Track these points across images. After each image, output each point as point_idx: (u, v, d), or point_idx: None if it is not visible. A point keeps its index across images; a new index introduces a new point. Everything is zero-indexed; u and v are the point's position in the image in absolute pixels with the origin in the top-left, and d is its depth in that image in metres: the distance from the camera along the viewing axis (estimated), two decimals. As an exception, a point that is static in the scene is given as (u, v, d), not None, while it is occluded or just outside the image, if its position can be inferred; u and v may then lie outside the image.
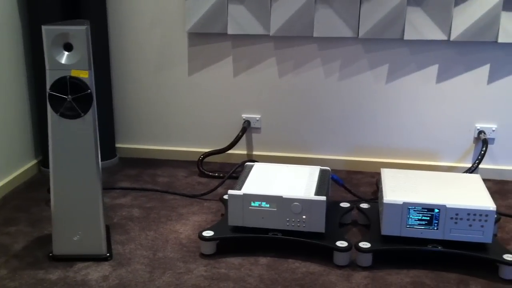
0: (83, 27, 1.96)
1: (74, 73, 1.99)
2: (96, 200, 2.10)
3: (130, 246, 2.26)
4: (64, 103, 2.00)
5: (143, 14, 3.04)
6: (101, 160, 2.94)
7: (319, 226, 2.15)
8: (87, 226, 2.12)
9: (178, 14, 3.01)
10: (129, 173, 3.03)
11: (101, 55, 2.99)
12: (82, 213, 2.10)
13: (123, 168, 3.11)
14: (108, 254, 2.16)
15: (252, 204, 2.17)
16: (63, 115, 2.01)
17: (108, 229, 2.36)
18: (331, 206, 2.42)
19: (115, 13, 3.06)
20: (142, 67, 3.13)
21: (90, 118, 2.03)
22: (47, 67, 1.98)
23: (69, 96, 1.99)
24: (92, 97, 2.01)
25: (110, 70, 3.11)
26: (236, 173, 2.79)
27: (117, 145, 3.25)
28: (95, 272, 2.07)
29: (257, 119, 3.12)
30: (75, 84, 1.99)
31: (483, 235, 2.06)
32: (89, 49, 1.99)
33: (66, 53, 1.98)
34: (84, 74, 2.00)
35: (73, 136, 2.03)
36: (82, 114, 2.02)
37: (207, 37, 3.02)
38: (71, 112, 2.01)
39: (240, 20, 2.91)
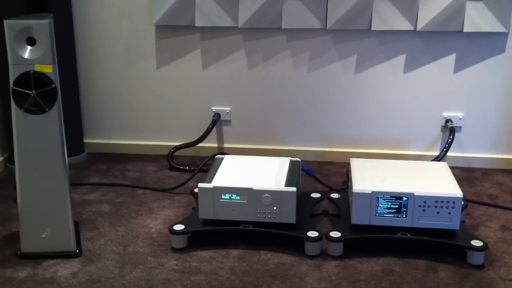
0: (46, 21, 1.92)
1: (38, 67, 1.95)
2: (64, 196, 2.07)
3: (100, 242, 2.23)
4: (28, 99, 1.96)
5: (110, 6, 3.00)
6: (69, 156, 2.91)
7: (290, 217, 2.16)
8: (55, 223, 2.09)
9: (145, 7, 2.98)
10: (98, 169, 2.99)
11: (66, 49, 2.94)
12: (50, 210, 2.07)
13: (92, 163, 3.07)
14: (77, 251, 2.14)
15: (223, 196, 2.17)
16: (27, 110, 1.97)
17: (77, 225, 2.33)
18: (302, 197, 2.44)
19: (80, 6, 3.01)
20: (110, 60, 3.09)
21: (55, 113, 1.99)
22: (10, 62, 1.93)
23: (33, 91, 1.96)
24: (56, 92, 1.98)
25: (77, 64, 3.06)
26: (207, 166, 2.79)
27: (86, 141, 3.21)
28: (64, 269, 2.04)
29: (227, 111, 3.11)
30: (39, 79, 1.95)
31: (451, 221, 2.09)
32: (53, 43, 1.95)
33: (29, 47, 1.94)
34: (48, 69, 1.96)
35: (39, 132, 2.00)
36: (47, 109, 1.98)
37: (175, 29, 3.00)
38: (36, 108, 1.97)
39: (208, 12, 2.89)
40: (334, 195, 2.48)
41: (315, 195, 2.48)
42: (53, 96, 1.98)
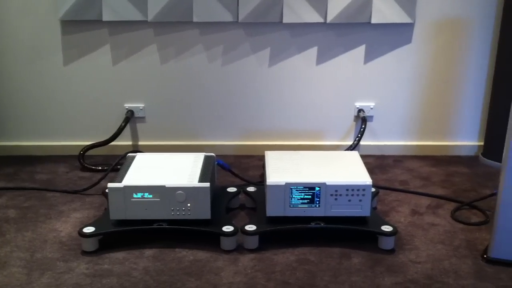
0: None
1: None
2: (-38, 203, 1.95)
3: (5, 249, 2.12)
4: None
5: (11, 1, 2.84)
6: (-29, 160, 2.76)
7: (205, 212, 2.13)
8: (-47, 232, 1.96)
9: (49, 1, 2.84)
10: (5, 172, 2.84)
11: (-36, 47, 2.77)
12: None
13: (-3, 167, 2.92)
14: (-21, 260, 2.02)
15: (134, 195, 2.11)
16: None
17: (-21, 233, 2.20)
18: (218, 192, 2.41)
19: (-22, 1, 2.84)
20: (13, 58, 2.94)
21: None
22: None
23: None
24: None
25: (-23, 63, 2.89)
26: (120, 165, 2.70)
27: (-10, 143, 3.04)
28: (-35, 281, 1.92)
29: (141, 108, 3.04)
30: None
31: (362, 209, 2.14)
32: None
33: None
34: None
35: None
36: None
37: (81, 24, 2.89)
38: None
39: (116, 6, 2.80)
40: (250, 189, 2.47)
41: (231, 189, 2.46)
42: None
